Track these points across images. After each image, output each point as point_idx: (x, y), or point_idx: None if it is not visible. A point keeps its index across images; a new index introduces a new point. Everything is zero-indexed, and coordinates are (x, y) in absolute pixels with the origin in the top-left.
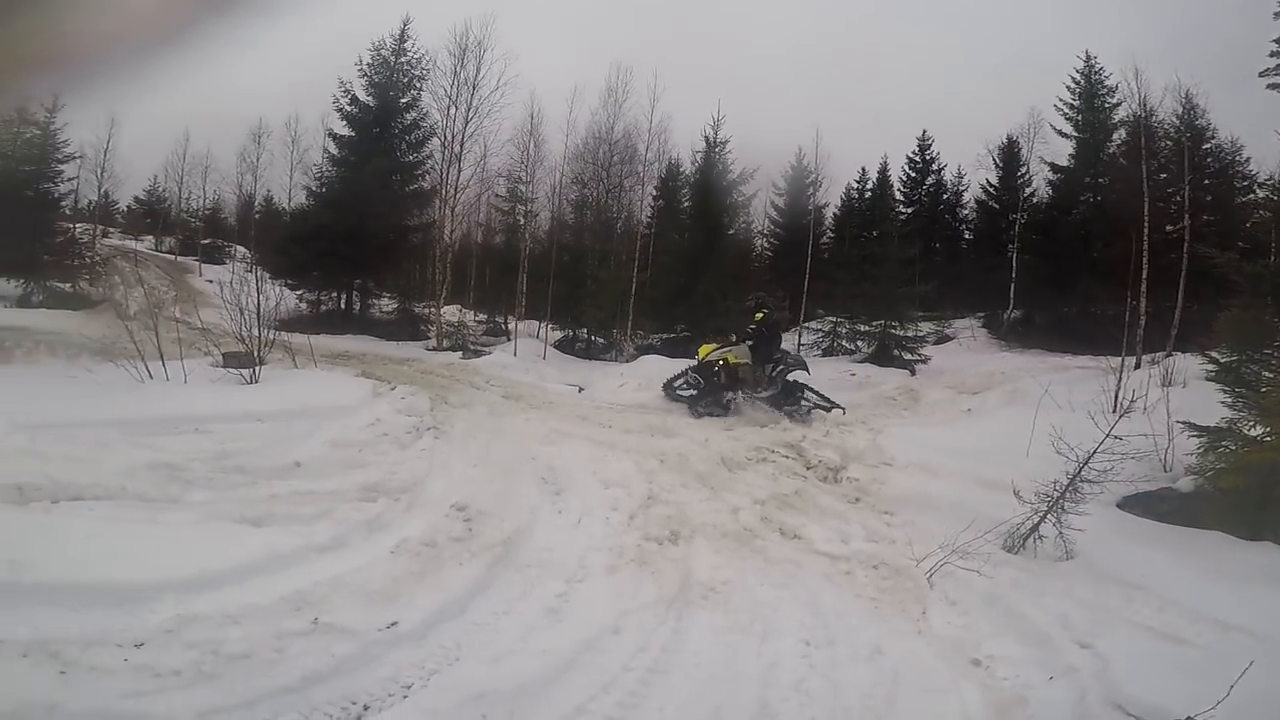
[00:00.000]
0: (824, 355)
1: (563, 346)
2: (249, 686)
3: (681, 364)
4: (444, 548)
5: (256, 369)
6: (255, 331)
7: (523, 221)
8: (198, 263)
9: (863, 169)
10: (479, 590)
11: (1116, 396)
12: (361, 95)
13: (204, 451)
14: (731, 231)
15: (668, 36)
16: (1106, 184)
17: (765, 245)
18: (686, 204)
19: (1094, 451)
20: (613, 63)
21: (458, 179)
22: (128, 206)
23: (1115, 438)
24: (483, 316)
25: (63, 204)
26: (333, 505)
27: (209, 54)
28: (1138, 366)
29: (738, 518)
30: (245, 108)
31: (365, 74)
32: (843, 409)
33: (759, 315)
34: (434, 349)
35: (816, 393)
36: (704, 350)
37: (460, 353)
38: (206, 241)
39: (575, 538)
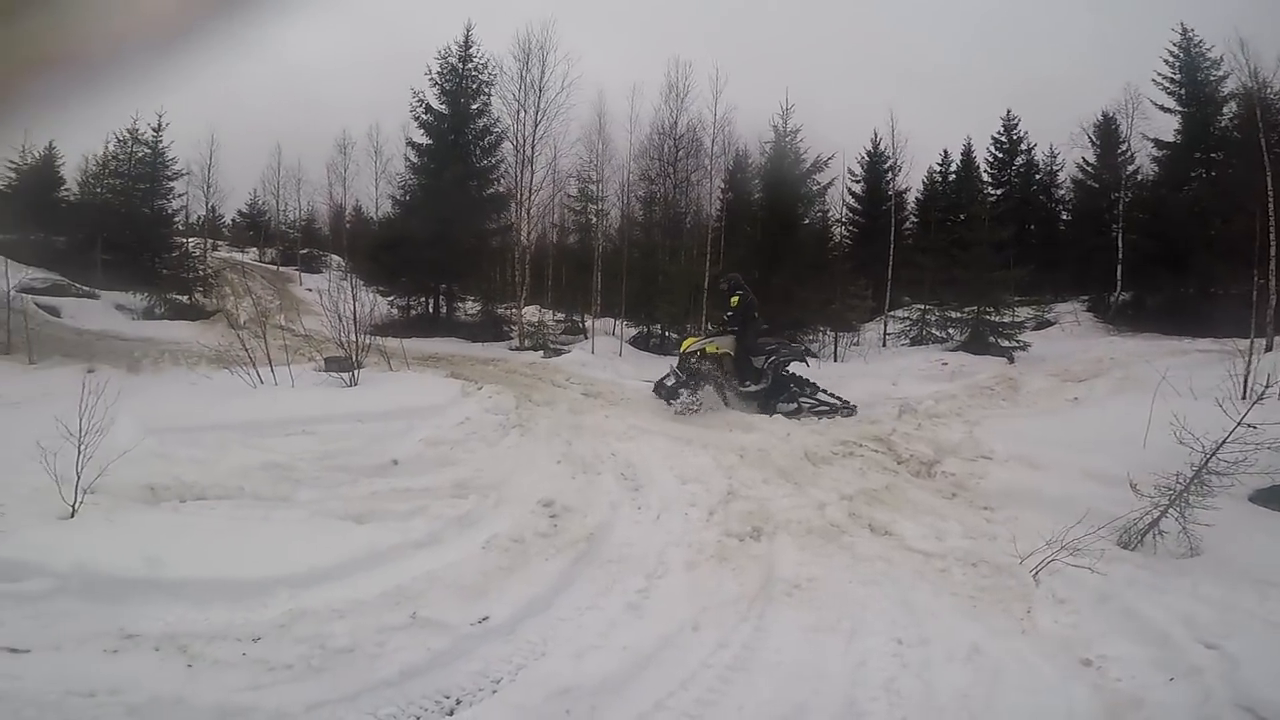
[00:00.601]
0: (912, 344)
1: (638, 343)
2: (352, 680)
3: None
4: (531, 543)
5: (355, 372)
6: (352, 337)
7: (594, 220)
8: (298, 272)
9: (944, 152)
10: (563, 586)
11: (1246, 382)
12: (435, 104)
13: (310, 451)
14: (807, 221)
15: (728, 28)
16: (1220, 159)
17: (844, 233)
18: (757, 195)
19: (1223, 441)
20: (671, 57)
21: (531, 181)
22: (232, 220)
23: (1248, 426)
24: (561, 315)
25: (175, 220)
26: (428, 502)
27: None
28: (1269, 349)
29: (824, 513)
30: (330, 120)
31: (436, 82)
32: (853, 408)
33: (734, 299)
34: (516, 349)
35: (823, 390)
36: (686, 344)
37: (541, 352)
38: (304, 251)
39: (654, 534)
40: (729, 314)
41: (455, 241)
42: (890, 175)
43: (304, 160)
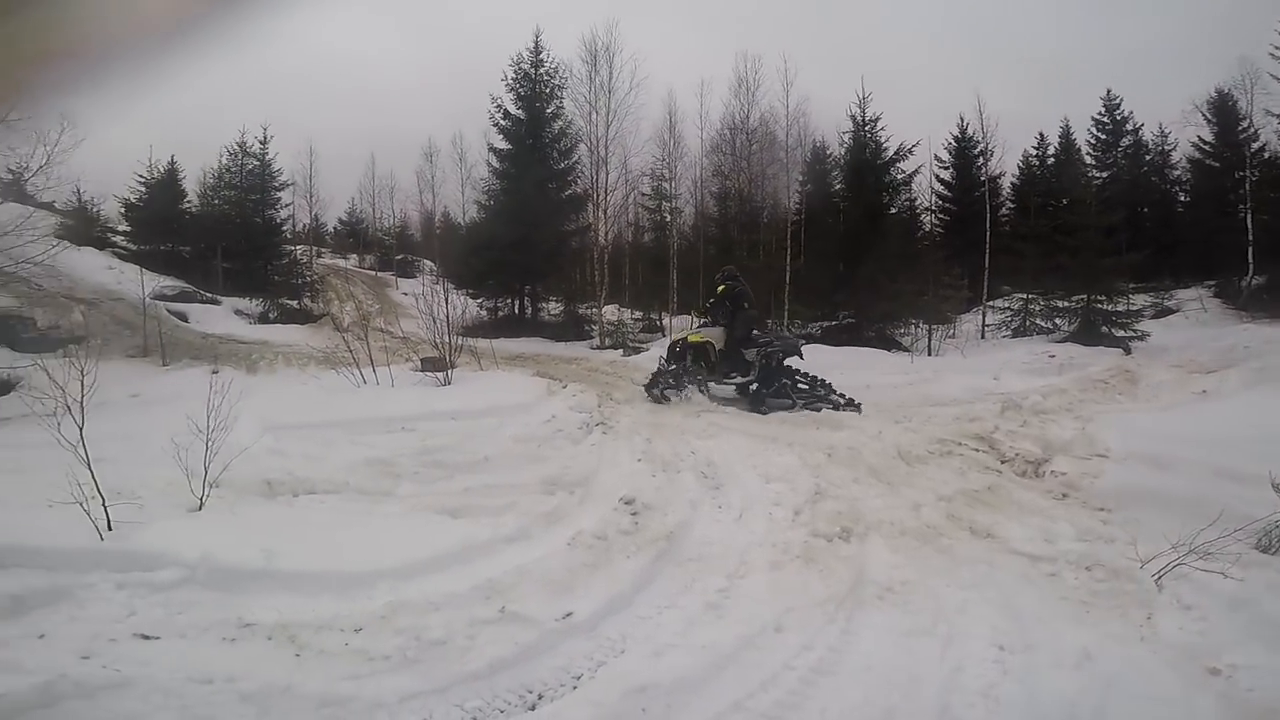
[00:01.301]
0: (1014, 336)
1: None
2: (443, 672)
3: (848, 352)
4: (613, 540)
5: (449, 372)
6: (445, 338)
7: (668, 218)
8: (394, 277)
9: (1040, 135)
10: (644, 583)
11: None
12: (512, 109)
13: (409, 448)
14: (893, 210)
15: (799, 19)
16: None
17: (934, 222)
18: (838, 186)
19: None
20: (739, 52)
21: (606, 182)
22: (334, 228)
23: None
24: (639, 314)
25: (283, 228)
26: (517, 498)
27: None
28: None
29: (919, 515)
30: (418, 129)
31: (512, 88)
32: (858, 406)
33: (720, 289)
34: (597, 347)
35: (824, 384)
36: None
37: (620, 350)
38: (399, 257)
39: (736, 533)
40: (709, 302)
41: (537, 243)
42: (981, 161)
43: (396, 169)
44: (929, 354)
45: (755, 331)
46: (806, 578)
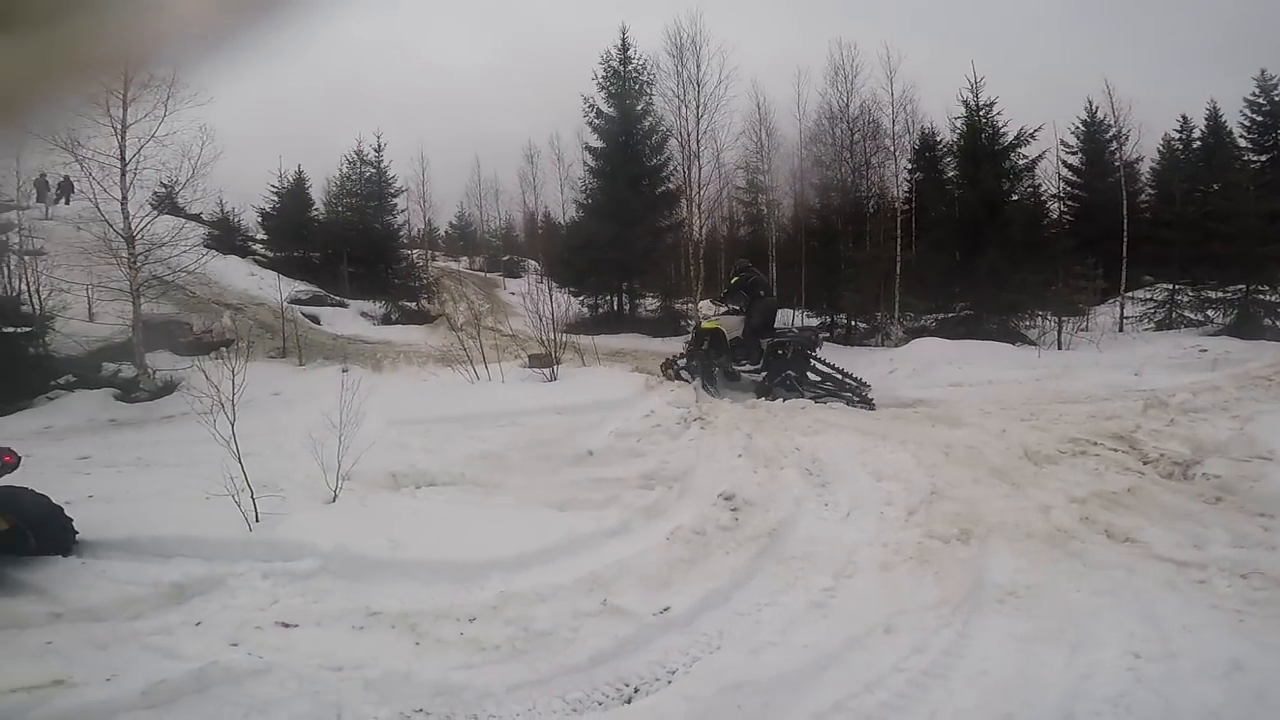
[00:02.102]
0: (1158, 328)
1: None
2: (548, 663)
3: (966, 345)
4: (712, 536)
5: (554, 368)
6: (550, 335)
7: (765, 210)
8: (502, 277)
9: (1183, 118)
10: (743, 580)
11: None
12: (603, 107)
13: (519, 441)
14: (1015, 197)
15: (897, 4)
16: None
17: (1062, 209)
18: (951, 173)
19: None
20: (833, 40)
21: (699, 176)
22: (445, 231)
23: None
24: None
25: (400, 233)
26: (619, 492)
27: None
28: None
29: (1048, 517)
30: (517, 131)
31: (602, 86)
32: (871, 402)
33: (734, 279)
34: None
35: (842, 375)
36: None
37: None
38: (506, 258)
39: (844, 532)
40: (724, 292)
41: (633, 240)
42: (1115, 145)
43: (500, 172)
44: (1059, 348)
45: (776, 325)
46: (920, 579)
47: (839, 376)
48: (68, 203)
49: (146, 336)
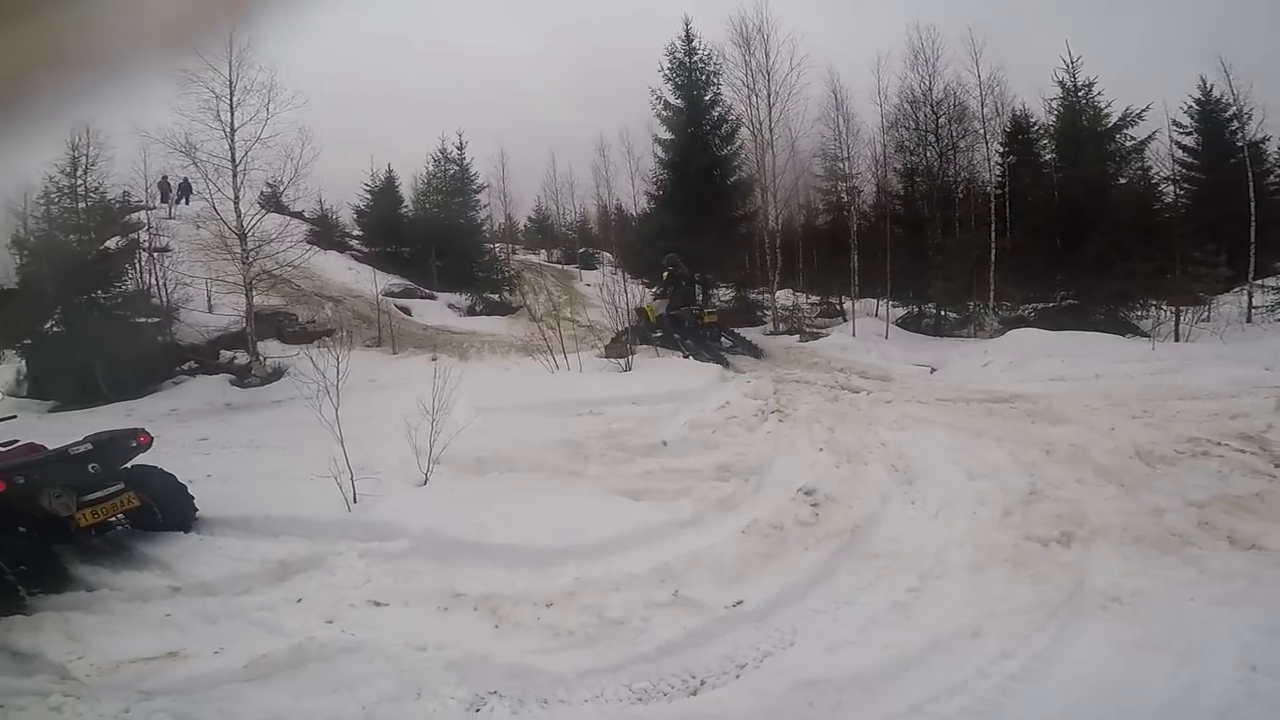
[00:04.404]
0: None
1: (906, 324)
2: (617, 651)
3: (1069, 336)
4: (790, 531)
5: (629, 359)
6: (625, 326)
7: (845, 198)
8: (578, 269)
9: None
10: (821, 577)
11: None
12: (671, 99)
13: (596, 430)
14: (1122, 180)
15: None
16: None
17: (1177, 192)
18: (1048, 156)
19: None
20: (910, 24)
21: (773, 165)
22: (524, 225)
23: None
24: (815, 298)
25: (483, 227)
26: (693, 483)
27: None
28: None
29: (1161, 520)
30: (589, 124)
31: (669, 78)
32: (758, 351)
33: (665, 275)
34: (771, 333)
35: (735, 337)
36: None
37: (797, 336)
38: (582, 250)
39: (932, 531)
40: (658, 289)
41: (705, 231)
42: (1236, 124)
43: (574, 166)
44: (1175, 340)
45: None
46: (1014, 582)
47: (741, 339)
48: (187, 203)
49: (258, 326)
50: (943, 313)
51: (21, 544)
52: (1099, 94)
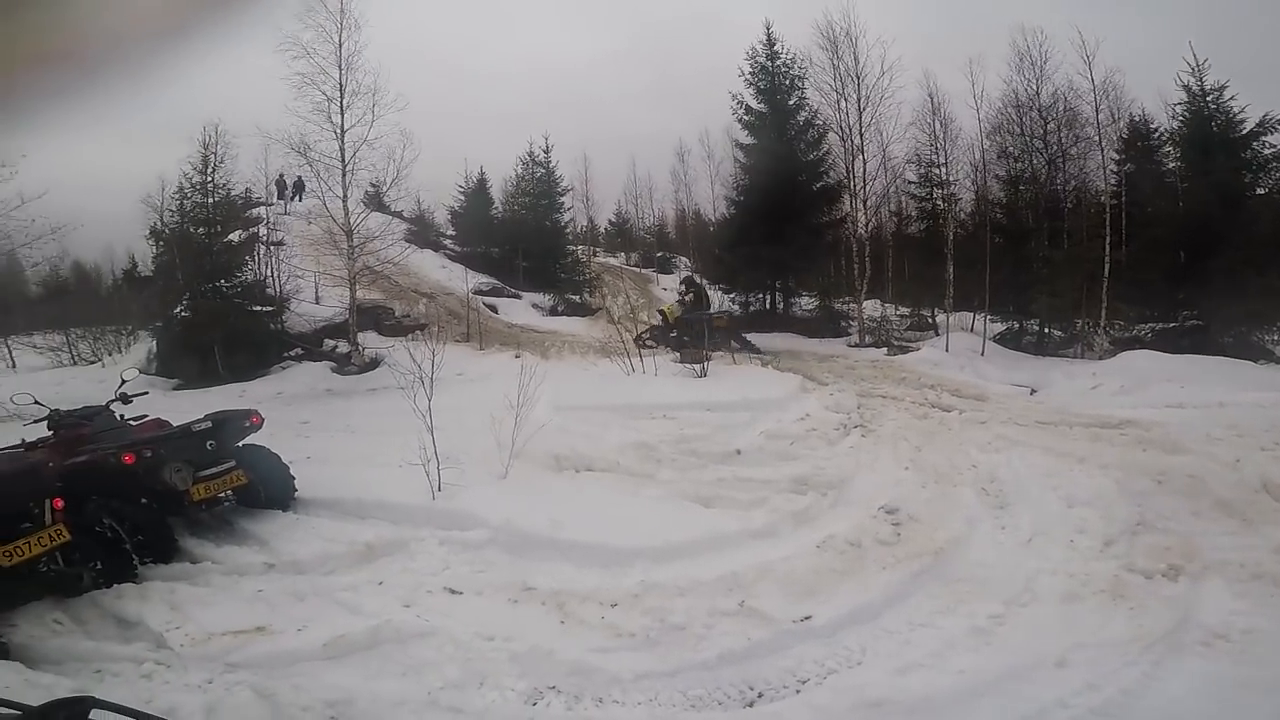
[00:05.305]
0: None
1: (1006, 340)
2: (676, 657)
3: (1191, 360)
4: (868, 549)
5: (705, 364)
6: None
7: (942, 205)
8: (655, 273)
9: None
10: (898, 598)
11: None
12: (753, 104)
13: (669, 435)
14: (1260, 191)
15: None
16: None
17: None
18: (1172, 164)
19: None
20: (1014, 25)
21: (864, 171)
22: (604, 228)
23: None
24: (905, 310)
25: (566, 230)
26: (767, 494)
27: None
28: None
29: None
30: (669, 130)
31: (751, 83)
32: (755, 349)
33: (685, 288)
34: (855, 345)
35: (741, 340)
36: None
37: (884, 349)
38: (659, 254)
39: (1023, 558)
40: (683, 297)
41: (789, 237)
42: None
43: (653, 171)
44: None
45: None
46: (1109, 614)
47: (747, 342)
48: (300, 200)
49: (359, 319)
50: (1046, 330)
51: (142, 515)
52: (1232, 98)
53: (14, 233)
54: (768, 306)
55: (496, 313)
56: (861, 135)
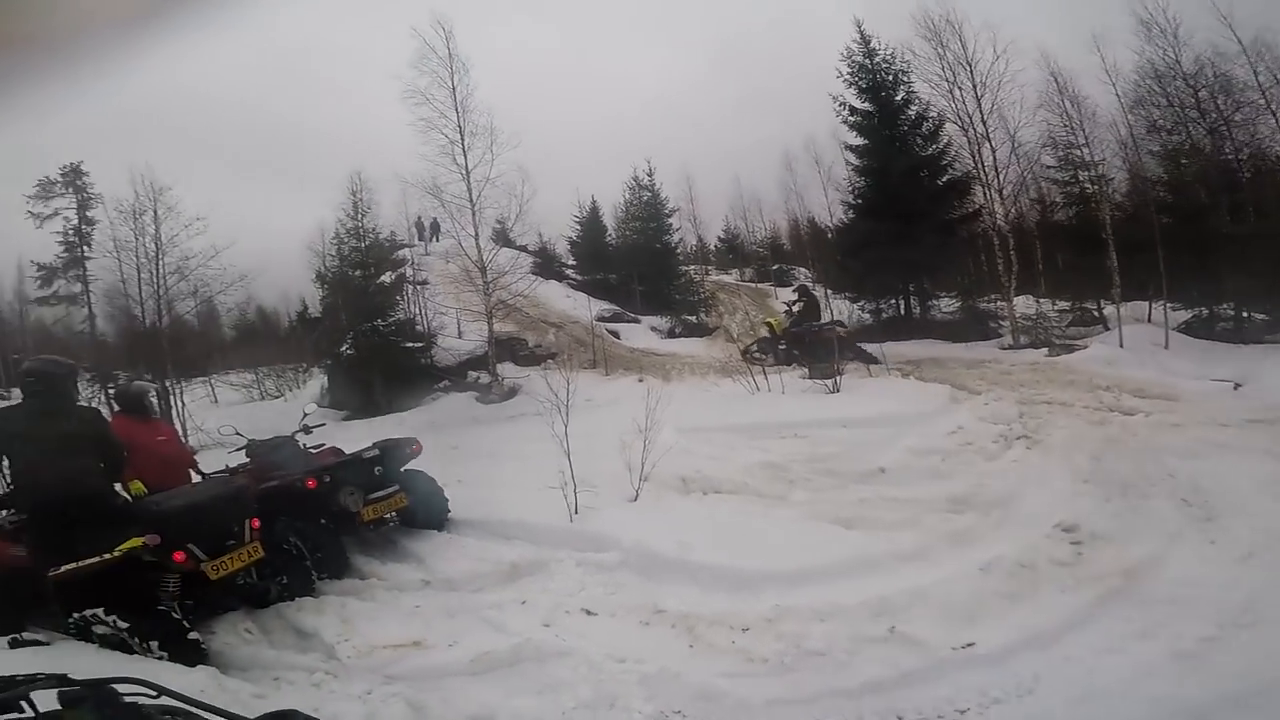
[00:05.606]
0: None
1: (1194, 329)
2: (813, 683)
3: None
4: (1043, 570)
5: (837, 379)
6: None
7: (1090, 188)
8: (772, 287)
9: None
10: (1080, 622)
11: None
12: (857, 104)
13: (801, 454)
14: None
15: None
16: None
17: None
18: None
19: None
20: None
21: (994, 159)
22: (714, 246)
23: None
24: (1064, 305)
25: (677, 250)
26: (918, 514)
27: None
28: None
29: None
30: (772, 138)
31: (850, 83)
32: (876, 361)
33: (795, 299)
34: (1009, 347)
35: (859, 351)
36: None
37: (1044, 349)
38: (775, 267)
39: (1239, 575)
40: (793, 308)
41: (917, 236)
42: None
43: (760, 183)
44: None
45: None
46: None
47: (863, 352)
48: (438, 240)
49: (497, 350)
50: (1245, 314)
51: (321, 534)
52: None
53: (211, 280)
54: (902, 312)
55: (618, 338)
56: (985, 123)
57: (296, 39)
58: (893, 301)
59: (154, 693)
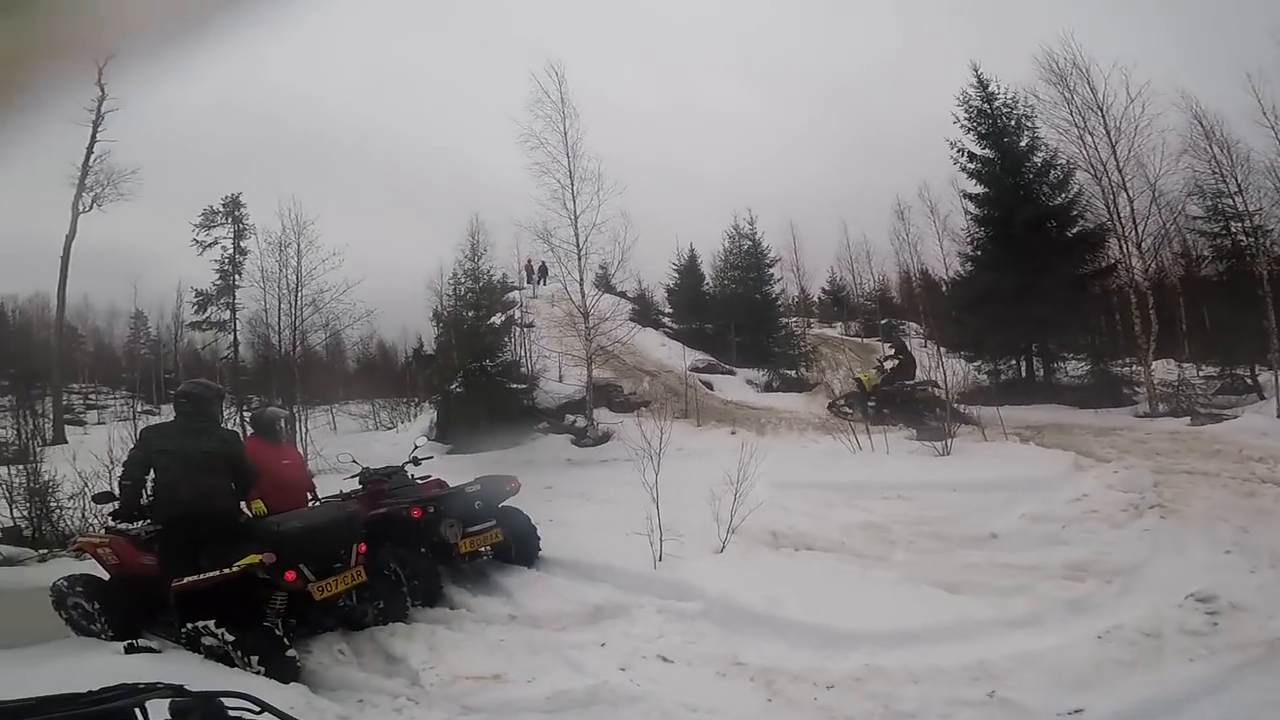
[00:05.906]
0: None
1: None
2: None
3: None
4: (1170, 639)
5: (948, 441)
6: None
7: (1245, 240)
8: (879, 342)
9: None
10: (1209, 691)
11: None
12: (976, 150)
13: (904, 516)
14: None
15: None
16: None
17: None
18: None
19: None
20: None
21: (1130, 209)
22: (818, 297)
23: None
24: (1211, 370)
25: (778, 302)
26: (1032, 581)
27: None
28: None
29: None
30: (883, 186)
31: (968, 128)
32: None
33: (892, 364)
34: (1145, 415)
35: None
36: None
37: (1187, 418)
38: (883, 322)
39: None
40: (889, 365)
41: (1043, 292)
42: None
43: (869, 232)
44: None
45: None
46: None
47: (958, 413)
48: (544, 284)
49: (594, 395)
50: None
51: (420, 562)
52: None
53: (341, 314)
54: (1023, 374)
55: (712, 389)
56: (1120, 171)
57: (418, 74)
58: (1013, 362)
59: (257, 708)
